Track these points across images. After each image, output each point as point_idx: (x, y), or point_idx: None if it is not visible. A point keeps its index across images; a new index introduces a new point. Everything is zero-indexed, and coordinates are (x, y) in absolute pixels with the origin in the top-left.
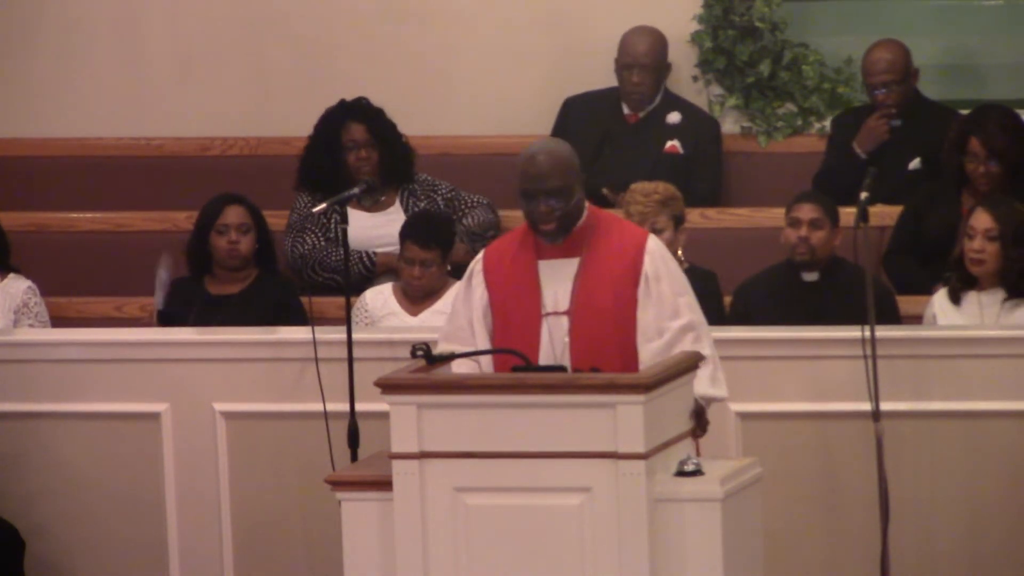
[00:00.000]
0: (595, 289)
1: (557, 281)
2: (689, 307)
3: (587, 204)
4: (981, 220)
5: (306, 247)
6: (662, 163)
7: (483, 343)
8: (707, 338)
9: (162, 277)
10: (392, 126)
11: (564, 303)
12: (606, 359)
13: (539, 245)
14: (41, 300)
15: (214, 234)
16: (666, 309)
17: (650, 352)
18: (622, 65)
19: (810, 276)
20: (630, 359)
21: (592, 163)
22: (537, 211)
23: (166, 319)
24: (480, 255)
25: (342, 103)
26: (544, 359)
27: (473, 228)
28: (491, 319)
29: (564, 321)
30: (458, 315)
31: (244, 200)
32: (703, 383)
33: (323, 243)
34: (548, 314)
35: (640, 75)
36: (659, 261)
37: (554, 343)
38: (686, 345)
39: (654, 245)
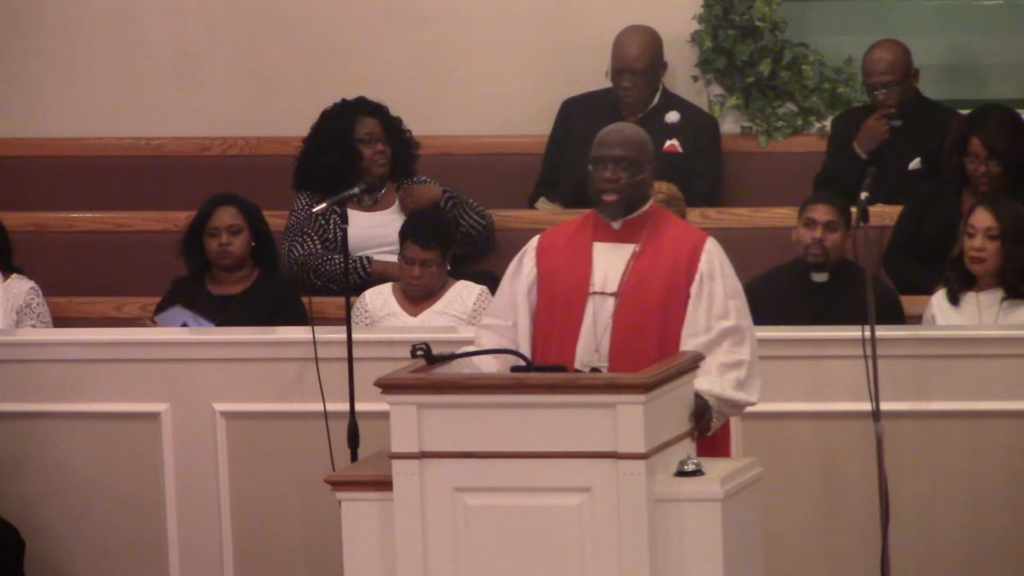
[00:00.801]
0: (647, 276)
1: (610, 263)
2: (737, 311)
3: (653, 200)
4: (982, 218)
5: (303, 251)
6: (661, 162)
7: (523, 321)
8: (750, 343)
9: (187, 321)
10: (398, 120)
11: (613, 285)
12: (645, 346)
13: (597, 228)
14: (44, 301)
15: (207, 237)
16: (716, 308)
17: (693, 347)
18: (614, 69)
19: (820, 277)
20: (669, 350)
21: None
22: (602, 177)
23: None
24: (536, 237)
25: (344, 102)
26: (585, 337)
27: (465, 230)
28: (535, 297)
29: (610, 302)
30: (503, 292)
31: (236, 200)
32: (727, 384)
33: (319, 248)
34: (595, 293)
35: (631, 79)
36: (715, 262)
37: (597, 322)
38: (725, 347)
39: (712, 246)
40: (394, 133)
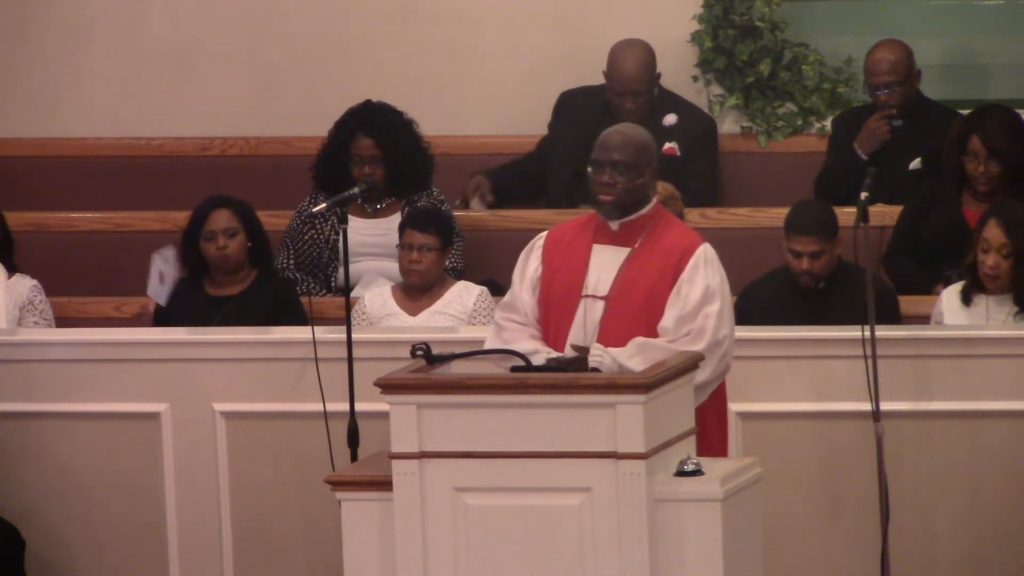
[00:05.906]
0: (635, 281)
1: (604, 266)
2: (706, 315)
3: (656, 202)
4: (995, 235)
5: (278, 263)
6: (659, 164)
7: (532, 314)
8: (706, 342)
9: (160, 268)
10: (408, 138)
11: (604, 288)
12: None
13: (598, 230)
14: (46, 299)
15: (203, 241)
16: (687, 314)
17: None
18: (615, 92)
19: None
20: None
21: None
22: (600, 180)
23: (162, 319)
24: (544, 232)
25: (367, 103)
26: (574, 338)
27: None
28: (539, 292)
29: (600, 306)
30: (515, 284)
31: (230, 202)
32: (631, 357)
33: (291, 263)
34: (587, 296)
35: (634, 101)
36: (700, 268)
37: (587, 325)
38: (681, 344)
39: (702, 252)
40: (394, 152)
